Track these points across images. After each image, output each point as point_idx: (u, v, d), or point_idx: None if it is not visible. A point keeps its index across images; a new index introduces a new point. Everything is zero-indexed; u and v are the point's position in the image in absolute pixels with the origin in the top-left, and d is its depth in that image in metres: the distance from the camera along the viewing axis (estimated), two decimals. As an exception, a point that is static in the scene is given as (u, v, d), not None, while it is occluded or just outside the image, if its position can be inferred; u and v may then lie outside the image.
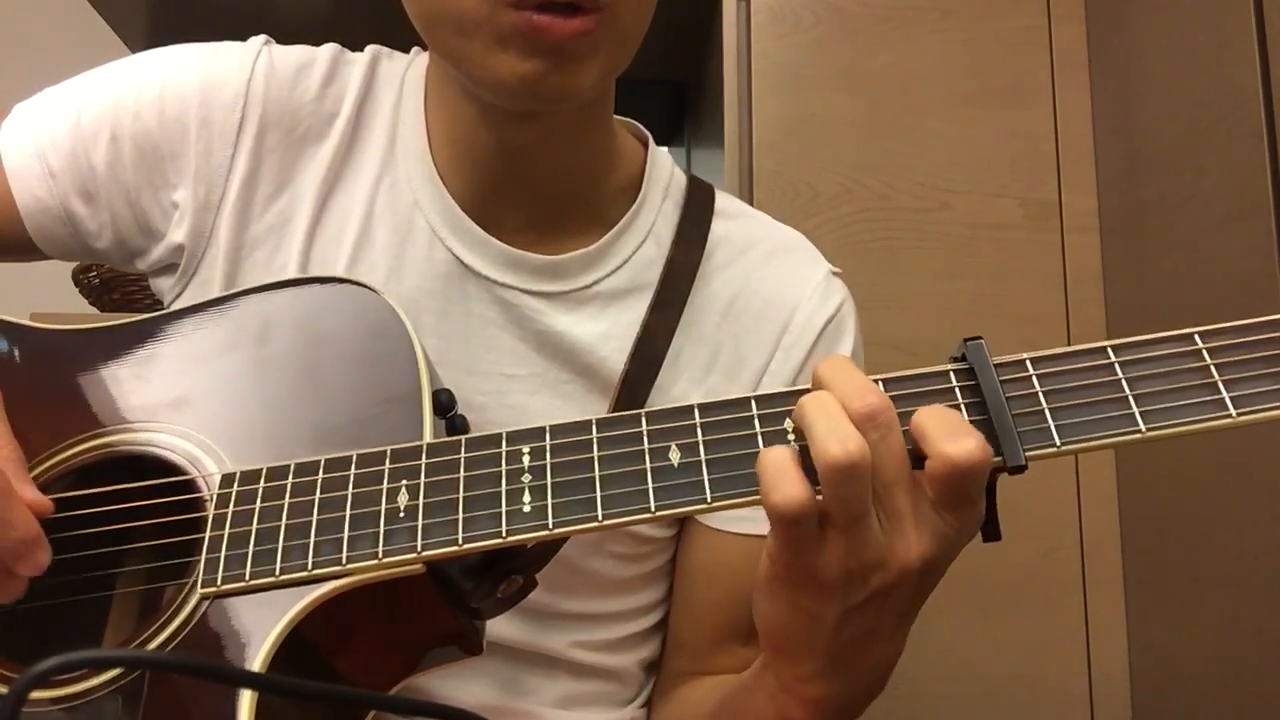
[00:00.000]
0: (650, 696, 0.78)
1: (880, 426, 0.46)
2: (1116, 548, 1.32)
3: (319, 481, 0.54)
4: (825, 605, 0.49)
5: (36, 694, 0.50)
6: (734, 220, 0.77)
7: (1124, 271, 1.33)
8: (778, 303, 0.74)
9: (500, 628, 0.68)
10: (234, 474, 0.55)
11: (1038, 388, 0.49)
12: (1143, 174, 1.29)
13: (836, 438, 0.45)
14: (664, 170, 0.77)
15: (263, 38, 0.74)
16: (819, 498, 0.47)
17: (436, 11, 0.62)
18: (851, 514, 0.46)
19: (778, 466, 0.47)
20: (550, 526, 0.50)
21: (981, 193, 1.37)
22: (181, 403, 0.60)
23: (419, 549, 0.50)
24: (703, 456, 0.50)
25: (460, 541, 0.50)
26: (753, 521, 0.70)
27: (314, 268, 0.70)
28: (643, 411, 0.52)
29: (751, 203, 1.31)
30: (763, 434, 0.50)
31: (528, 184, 0.71)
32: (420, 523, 0.51)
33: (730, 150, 1.32)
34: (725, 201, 0.78)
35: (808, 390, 0.50)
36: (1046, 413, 0.48)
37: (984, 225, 1.36)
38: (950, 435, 0.46)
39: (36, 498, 0.54)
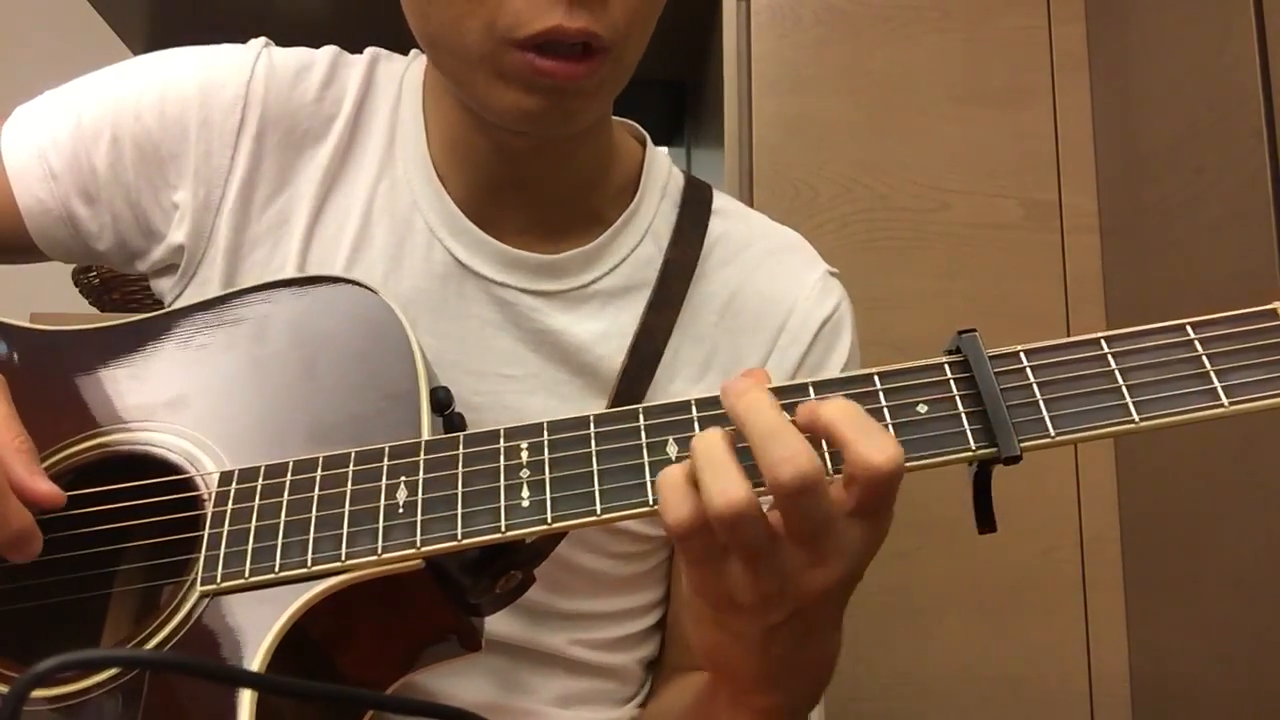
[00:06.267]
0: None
1: (808, 492, 0.44)
2: (1116, 548, 1.32)
3: (318, 479, 0.54)
4: (747, 625, 0.49)
5: (36, 693, 0.50)
6: (732, 219, 0.77)
7: (1124, 272, 1.33)
8: (775, 302, 0.74)
9: (500, 625, 0.68)
10: (232, 472, 0.55)
11: (1032, 379, 0.49)
12: (1143, 174, 1.29)
13: (718, 489, 0.45)
14: (661, 170, 0.77)
15: (262, 40, 0.75)
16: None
17: (439, 37, 0.63)
18: (750, 552, 0.46)
19: (669, 486, 0.47)
20: (549, 521, 0.50)
21: (981, 193, 1.37)
22: (179, 402, 0.60)
23: (418, 544, 0.50)
24: None
25: (459, 537, 0.50)
26: None
27: (312, 267, 0.70)
28: (640, 407, 0.52)
29: (751, 203, 1.31)
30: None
31: (526, 186, 0.71)
32: (419, 518, 0.51)
33: (730, 150, 1.32)
34: (723, 201, 0.78)
35: (807, 383, 0.50)
36: (1041, 403, 0.48)
37: (984, 225, 1.36)
38: (871, 439, 0.45)
39: (49, 489, 0.54)
